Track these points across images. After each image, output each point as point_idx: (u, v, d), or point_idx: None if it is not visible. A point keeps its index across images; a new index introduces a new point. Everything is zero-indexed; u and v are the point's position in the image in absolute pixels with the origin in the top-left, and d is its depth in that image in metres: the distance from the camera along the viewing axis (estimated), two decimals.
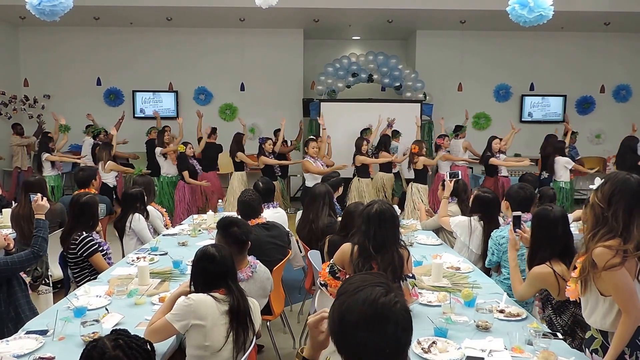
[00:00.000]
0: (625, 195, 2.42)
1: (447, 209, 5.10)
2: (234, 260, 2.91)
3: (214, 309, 2.65)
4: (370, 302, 1.47)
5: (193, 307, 2.63)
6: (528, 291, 3.22)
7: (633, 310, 2.38)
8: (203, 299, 2.67)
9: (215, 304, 2.67)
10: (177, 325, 2.63)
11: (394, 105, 10.52)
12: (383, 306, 1.47)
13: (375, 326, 1.46)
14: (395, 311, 1.47)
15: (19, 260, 3.40)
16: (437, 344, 2.67)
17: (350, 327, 1.48)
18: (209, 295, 2.70)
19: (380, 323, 1.46)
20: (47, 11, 4.57)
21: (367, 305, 1.47)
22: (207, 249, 2.85)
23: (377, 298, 1.48)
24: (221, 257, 2.80)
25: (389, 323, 1.46)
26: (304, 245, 4.82)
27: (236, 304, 2.71)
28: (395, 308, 1.47)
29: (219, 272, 2.77)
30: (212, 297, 2.69)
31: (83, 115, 10.89)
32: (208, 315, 2.63)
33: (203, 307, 2.64)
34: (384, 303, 1.47)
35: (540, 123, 11.61)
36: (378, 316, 1.46)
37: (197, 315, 2.63)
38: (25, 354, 2.60)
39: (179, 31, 11.17)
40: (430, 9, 9.58)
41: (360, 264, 3.02)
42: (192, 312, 2.63)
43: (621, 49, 11.49)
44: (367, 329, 1.46)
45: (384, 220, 3.08)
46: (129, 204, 5.06)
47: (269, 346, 4.24)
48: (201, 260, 2.81)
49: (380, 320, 1.46)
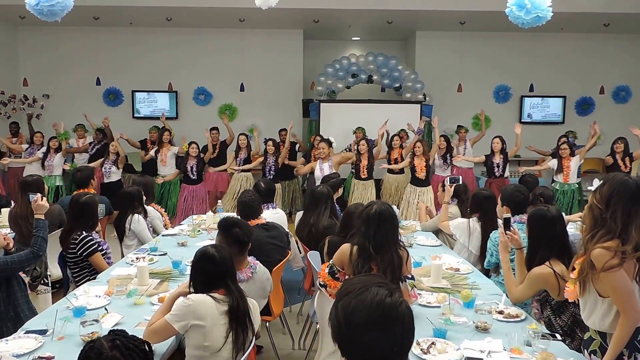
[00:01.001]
0: (624, 197, 2.42)
1: (447, 213, 5.11)
2: (233, 261, 2.91)
3: (213, 309, 2.65)
4: (377, 303, 1.49)
5: (192, 308, 2.63)
6: (526, 293, 3.22)
7: (631, 311, 2.39)
8: (202, 299, 2.67)
9: (215, 304, 2.67)
10: (176, 326, 2.63)
11: (394, 106, 10.53)
12: (390, 307, 1.49)
13: (384, 326, 1.48)
14: (402, 311, 1.50)
15: (19, 259, 3.40)
16: (436, 345, 2.68)
17: (359, 328, 1.49)
18: (208, 295, 2.69)
19: (389, 323, 1.48)
20: (45, 11, 4.55)
21: (374, 305, 1.49)
22: (207, 249, 2.85)
23: (384, 298, 1.50)
24: (221, 258, 2.80)
25: (396, 323, 1.48)
26: (304, 246, 4.83)
27: (235, 304, 2.71)
28: (401, 308, 1.50)
29: (219, 273, 2.77)
30: (212, 297, 2.69)
31: (82, 115, 10.90)
32: (207, 315, 2.63)
33: (202, 308, 2.64)
34: (390, 303, 1.49)
35: (539, 124, 11.62)
36: (386, 317, 1.48)
37: (196, 316, 2.62)
38: (25, 353, 2.60)
39: (179, 31, 11.17)
40: (430, 9, 9.59)
41: (359, 265, 3.02)
42: (191, 313, 2.63)
43: (621, 50, 11.50)
44: (376, 329, 1.48)
45: (384, 221, 3.08)
46: (126, 203, 5.05)
47: (268, 347, 4.24)
48: (201, 261, 2.81)
49: (388, 321, 1.48)
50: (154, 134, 10.06)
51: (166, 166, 8.98)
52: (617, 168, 8.05)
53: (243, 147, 9.14)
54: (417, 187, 8.22)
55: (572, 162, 8.28)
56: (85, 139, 10.06)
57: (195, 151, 8.66)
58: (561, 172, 8.25)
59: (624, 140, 8.32)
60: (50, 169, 8.83)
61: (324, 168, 7.77)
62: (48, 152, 8.92)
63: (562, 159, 8.30)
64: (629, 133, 8.13)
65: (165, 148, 9.06)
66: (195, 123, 10.89)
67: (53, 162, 8.85)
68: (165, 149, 9.05)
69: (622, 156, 8.24)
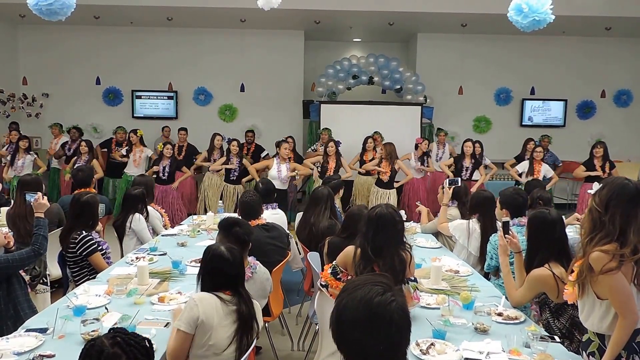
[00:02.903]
0: (623, 200, 2.43)
1: (446, 215, 5.12)
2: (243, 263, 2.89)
3: (219, 309, 2.64)
4: (366, 301, 1.50)
5: (199, 305, 2.61)
6: (526, 295, 3.23)
7: (629, 313, 2.40)
8: (207, 297, 2.67)
9: (220, 303, 2.66)
10: (187, 329, 2.59)
11: (395, 107, 10.54)
12: (378, 305, 1.49)
13: (368, 324, 1.49)
14: (390, 310, 1.49)
15: (20, 257, 3.41)
16: (436, 346, 2.69)
17: (346, 325, 1.51)
18: (213, 294, 2.68)
19: (374, 321, 1.49)
20: (44, 10, 4.53)
21: (363, 303, 1.50)
22: (221, 250, 2.79)
23: (373, 297, 1.51)
24: (234, 260, 2.77)
25: (382, 321, 1.49)
26: (303, 247, 4.83)
27: (245, 309, 2.69)
28: (390, 307, 1.50)
29: (230, 275, 2.74)
30: (217, 296, 2.67)
31: (82, 115, 10.95)
32: (214, 313, 2.62)
33: (208, 305, 2.63)
34: (379, 302, 1.50)
35: (540, 127, 11.63)
36: (372, 315, 1.49)
37: (205, 313, 2.60)
38: (26, 351, 2.60)
39: (180, 31, 11.17)
40: (431, 12, 9.59)
41: (361, 267, 3.04)
42: (200, 309, 2.60)
43: (622, 54, 11.51)
44: (361, 326, 1.49)
45: (384, 224, 3.10)
46: (130, 205, 5.06)
47: (267, 348, 4.24)
48: (213, 261, 2.77)
49: (374, 319, 1.49)
50: (121, 134, 9.93)
51: (138, 167, 8.96)
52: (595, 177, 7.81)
53: (217, 147, 9.04)
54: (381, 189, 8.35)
55: (543, 166, 8.43)
56: (59, 138, 9.90)
57: (169, 152, 8.56)
58: (532, 174, 8.32)
59: (603, 144, 8.37)
60: (20, 170, 8.59)
61: (282, 168, 7.92)
62: (17, 151, 8.72)
63: (534, 162, 8.44)
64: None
65: (139, 149, 9.04)
66: (195, 123, 10.89)
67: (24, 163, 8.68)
68: (139, 150, 9.04)
69: (602, 162, 8.20)
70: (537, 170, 8.35)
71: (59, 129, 10.06)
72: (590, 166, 8.30)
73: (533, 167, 8.41)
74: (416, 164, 9.04)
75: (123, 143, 9.66)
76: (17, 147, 8.77)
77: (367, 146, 8.95)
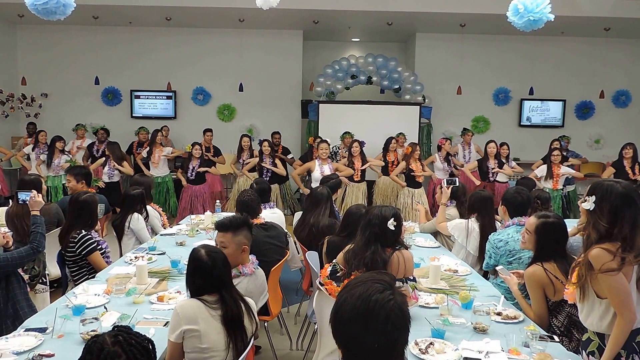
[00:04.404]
0: (629, 207, 2.42)
1: (444, 215, 5.12)
2: (228, 264, 2.88)
3: (203, 312, 2.62)
4: (364, 298, 1.51)
5: (181, 314, 2.61)
6: (536, 301, 3.18)
7: (627, 312, 2.40)
8: (189, 304, 2.65)
9: (205, 307, 2.63)
10: (173, 338, 2.59)
11: (393, 107, 10.56)
12: (376, 302, 1.50)
13: (364, 321, 1.49)
14: (387, 307, 1.50)
15: (19, 255, 3.41)
16: (435, 345, 2.68)
17: (343, 321, 1.53)
18: (197, 299, 2.67)
19: (369, 318, 1.49)
20: (40, 9, 4.53)
21: (361, 300, 1.51)
22: (200, 254, 2.75)
23: (372, 294, 1.51)
24: (213, 264, 2.72)
25: (378, 319, 1.49)
26: (302, 247, 4.83)
27: (229, 312, 2.66)
28: (388, 305, 1.50)
29: (211, 279, 2.71)
30: (201, 300, 2.66)
31: (81, 115, 10.93)
32: (199, 318, 2.60)
33: (191, 311, 2.61)
34: (377, 299, 1.51)
35: (539, 127, 11.65)
36: (369, 312, 1.50)
37: (187, 320, 2.58)
38: (25, 351, 2.60)
39: (178, 31, 11.17)
40: (429, 12, 9.61)
41: (353, 266, 3.05)
42: (182, 319, 2.59)
43: (621, 55, 11.53)
44: (357, 323, 1.50)
45: (373, 225, 3.11)
46: (129, 205, 5.06)
47: (266, 347, 4.24)
48: (192, 266, 2.75)
49: (369, 316, 1.49)
50: (143, 134, 10.02)
51: (158, 168, 8.98)
52: (625, 175, 7.83)
53: (246, 148, 9.08)
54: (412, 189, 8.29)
55: (562, 169, 8.25)
56: (84, 140, 10.00)
57: (198, 152, 8.62)
58: (551, 178, 8.20)
59: (633, 145, 8.20)
60: (57, 170, 8.74)
61: (325, 169, 7.75)
62: (53, 152, 8.78)
63: (552, 165, 8.24)
64: (627, 136, 8.14)
65: (158, 149, 9.05)
66: (193, 123, 10.90)
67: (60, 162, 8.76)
68: (159, 150, 9.05)
69: (631, 163, 8.09)
70: (556, 174, 8.16)
71: (84, 130, 10.09)
72: (619, 167, 8.16)
73: (552, 171, 8.20)
74: (442, 165, 8.99)
75: (145, 144, 9.64)
76: (52, 147, 8.77)
77: (390, 147, 8.95)
